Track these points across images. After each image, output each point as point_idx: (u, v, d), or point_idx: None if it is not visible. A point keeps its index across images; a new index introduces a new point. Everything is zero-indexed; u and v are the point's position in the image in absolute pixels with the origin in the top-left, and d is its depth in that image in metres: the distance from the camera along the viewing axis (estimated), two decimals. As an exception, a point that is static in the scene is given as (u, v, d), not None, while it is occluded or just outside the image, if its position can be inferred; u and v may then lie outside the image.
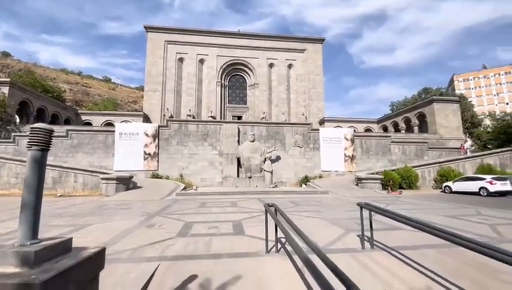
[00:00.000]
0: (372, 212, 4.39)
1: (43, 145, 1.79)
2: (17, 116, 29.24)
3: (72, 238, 1.80)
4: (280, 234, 4.40)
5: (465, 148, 25.25)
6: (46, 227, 6.41)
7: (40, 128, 1.80)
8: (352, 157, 23.05)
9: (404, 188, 18.68)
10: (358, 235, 5.49)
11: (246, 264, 3.84)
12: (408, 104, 44.02)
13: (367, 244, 4.65)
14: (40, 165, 1.78)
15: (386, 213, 3.96)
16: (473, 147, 26.70)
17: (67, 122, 33.40)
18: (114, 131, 21.31)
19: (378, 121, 41.42)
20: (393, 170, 19.41)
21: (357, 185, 17.50)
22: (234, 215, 8.19)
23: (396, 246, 4.74)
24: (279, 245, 4.52)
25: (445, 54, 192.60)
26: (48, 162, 19.37)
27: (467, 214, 8.48)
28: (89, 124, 33.88)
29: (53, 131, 1.87)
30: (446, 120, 30.92)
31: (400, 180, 18.37)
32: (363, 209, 4.54)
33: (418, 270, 3.69)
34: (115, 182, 14.19)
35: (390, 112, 50.34)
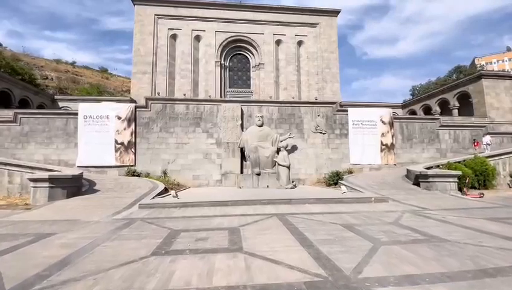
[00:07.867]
0: None
1: None
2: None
3: None
4: None
5: (480, 144, 17.63)
6: None
7: None
8: (391, 147, 17.62)
9: (475, 188, 13.28)
10: None
11: None
12: (432, 88, 38.28)
13: None
14: None
15: None
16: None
17: (40, 108, 28.30)
18: (77, 114, 16.10)
19: (404, 106, 35.78)
20: (459, 162, 13.95)
21: (417, 184, 12.00)
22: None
23: None
24: None
25: (450, 44, 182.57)
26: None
27: None
28: (66, 111, 28.71)
29: None
30: (497, 100, 25.25)
31: (472, 177, 12.92)
32: None
33: None
34: (47, 185, 8.94)
35: (411, 97, 44.75)
